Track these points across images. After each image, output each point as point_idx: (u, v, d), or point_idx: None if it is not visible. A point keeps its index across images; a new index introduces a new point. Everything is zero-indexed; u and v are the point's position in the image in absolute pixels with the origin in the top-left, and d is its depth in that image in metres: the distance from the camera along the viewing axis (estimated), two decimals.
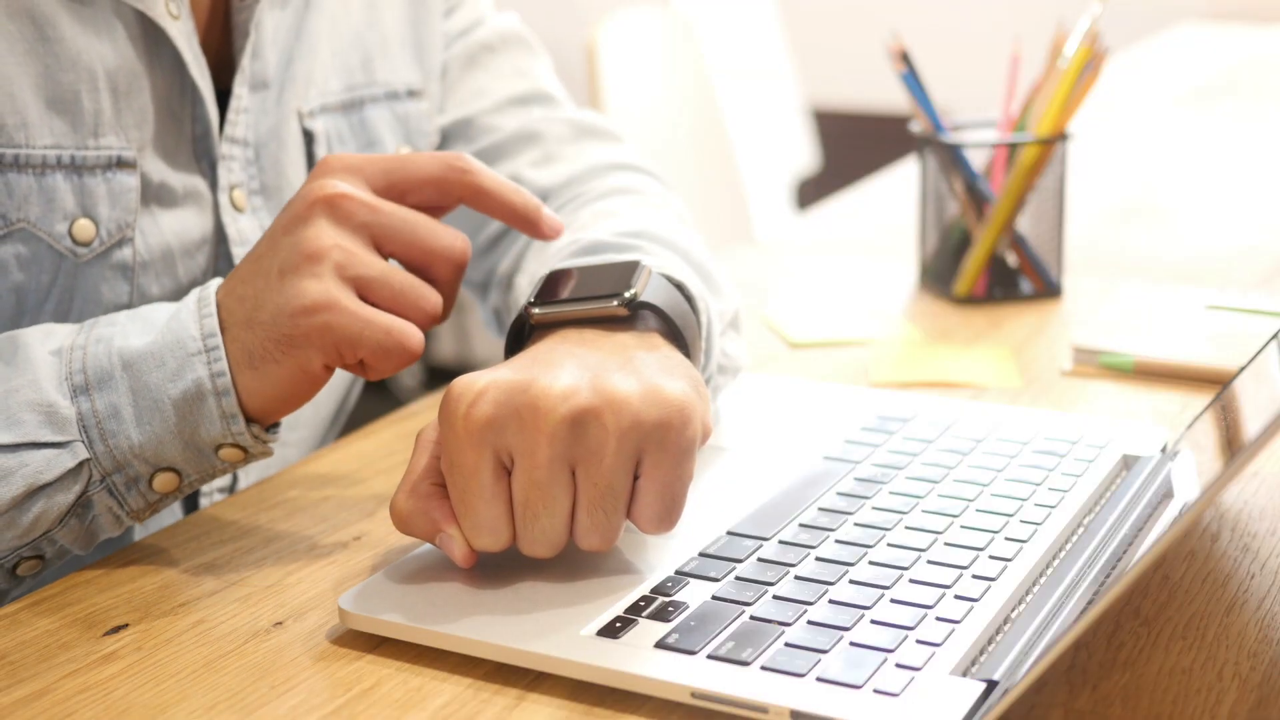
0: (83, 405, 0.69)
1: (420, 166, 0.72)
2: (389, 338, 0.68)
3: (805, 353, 1.03)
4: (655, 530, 0.64)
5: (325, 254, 0.68)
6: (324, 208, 0.69)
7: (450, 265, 0.72)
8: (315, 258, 0.68)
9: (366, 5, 0.94)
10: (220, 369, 0.69)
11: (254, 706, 0.59)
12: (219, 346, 0.69)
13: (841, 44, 3.22)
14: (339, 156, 0.72)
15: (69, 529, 0.70)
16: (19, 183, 0.75)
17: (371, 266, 0.69)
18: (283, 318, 0.68)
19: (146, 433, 0.69)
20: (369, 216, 0.70)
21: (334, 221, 0.69)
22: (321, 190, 0.69)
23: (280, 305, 0.68)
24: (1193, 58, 2.34)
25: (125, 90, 0.79)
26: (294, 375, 0.69)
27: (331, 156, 0.72)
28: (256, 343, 0.69)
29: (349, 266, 0.68)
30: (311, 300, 0.67)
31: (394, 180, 0.71)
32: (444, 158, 0.72)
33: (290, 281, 0.68)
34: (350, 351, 0.68)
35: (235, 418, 0.69)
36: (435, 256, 0.71)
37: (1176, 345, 0.97)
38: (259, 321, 0.68)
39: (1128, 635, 0.63)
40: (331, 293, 0.68)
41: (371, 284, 0.69)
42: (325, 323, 0.67)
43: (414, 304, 0.70)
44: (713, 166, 2.20)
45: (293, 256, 0.68)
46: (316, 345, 0.68)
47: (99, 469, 0.69)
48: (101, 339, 0.70)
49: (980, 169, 1.13)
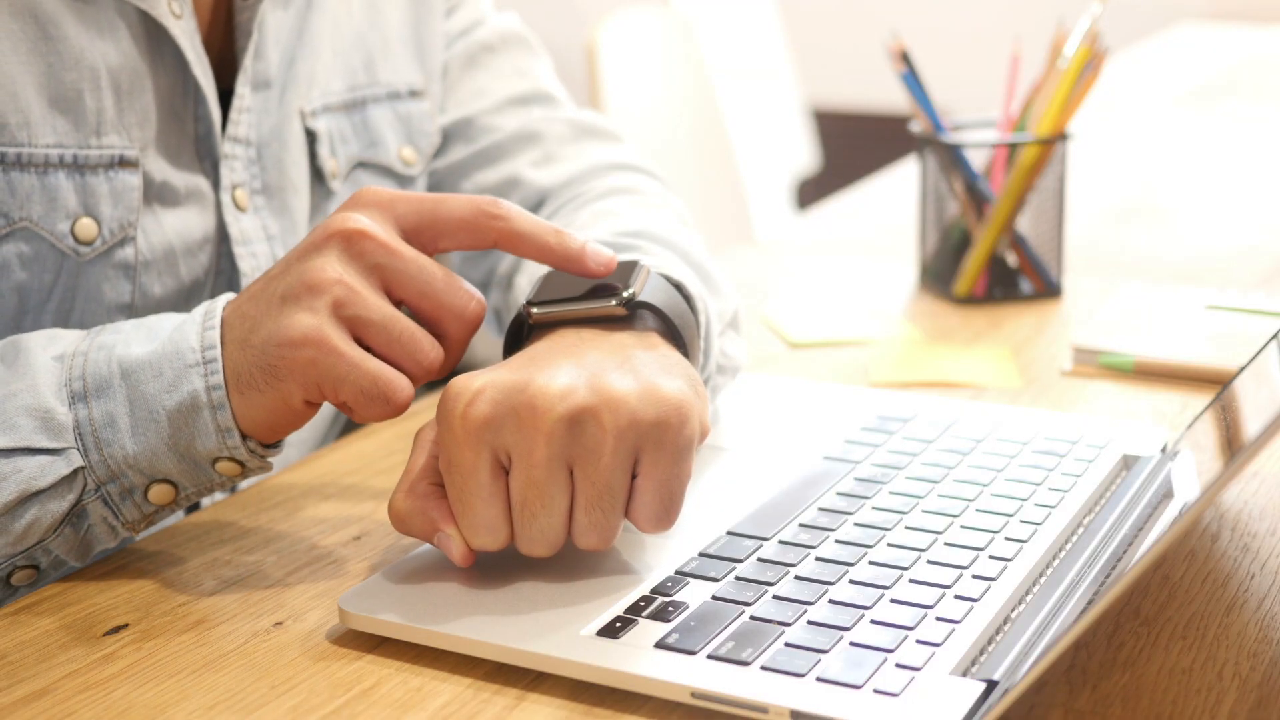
0: (80, 412, 0.68)
1: (453, 210, 0.69)
2: (374, 385, 0.66)
3: (805, 353, 1.03)
4: (653, 529, 0.64)
5: (326, 288, 0.66)
6: (340, 241, 0.67)
7: (461, 323, 0.69)
8: (315, 290, 0.66)
9: (368, 5, 0.94)
10: (217, 382, 0.67)
11: (254, 706, 0.59)
12: (217, 360, 0.67)
13: (841, 44, 3.22)
14: (374, 191, 0.70)
15: (63, 538, 0.69)
16: (21, 181, 0.75)
17: (373, 309, 0.66)
18: (270, 346, 0.66)
19: (141, 443, 0.68)
20: (384, 258, 0.67)
21: (347, 258, 0.67)
22: (343, 223, 0.67)
23: (272, 332, 0.66)
24: (1193, 58, 2.34)
25: (128, 89, 0.79)
26: (275, 406, 0.67)
27: (367, 190, 0.70)
28: (245, 366, 0.67)
29: (348, 305, 0.66)
30: (301, 334, 0.65)
31: (425, 222, 0.69)
32: (477, 202, 0.69)
33: (287, 310, 0.66)
34: (332, 391, 0.66)
35: (230, 432, 0.68)
36: (446, 311, 0.69)
37: (1176, 345, 0.97)
38: (251, 344, 0.67)
39: (1128, 635, 0.63)
40: (322, 329, 0.65)
41: (370, 327, 0.66)
42: (310, 359, 0.65)
43: (410, 354, 0.67)
44: (713, 166, 2.20)
45: (295, 285, 0.66)
46: (299, 380, 0.66)
47: (93, 478, 0.68)
48: (104, 346, 0.69)
49: (980, 169, 1.13)
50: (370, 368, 0.66)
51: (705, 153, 2.19)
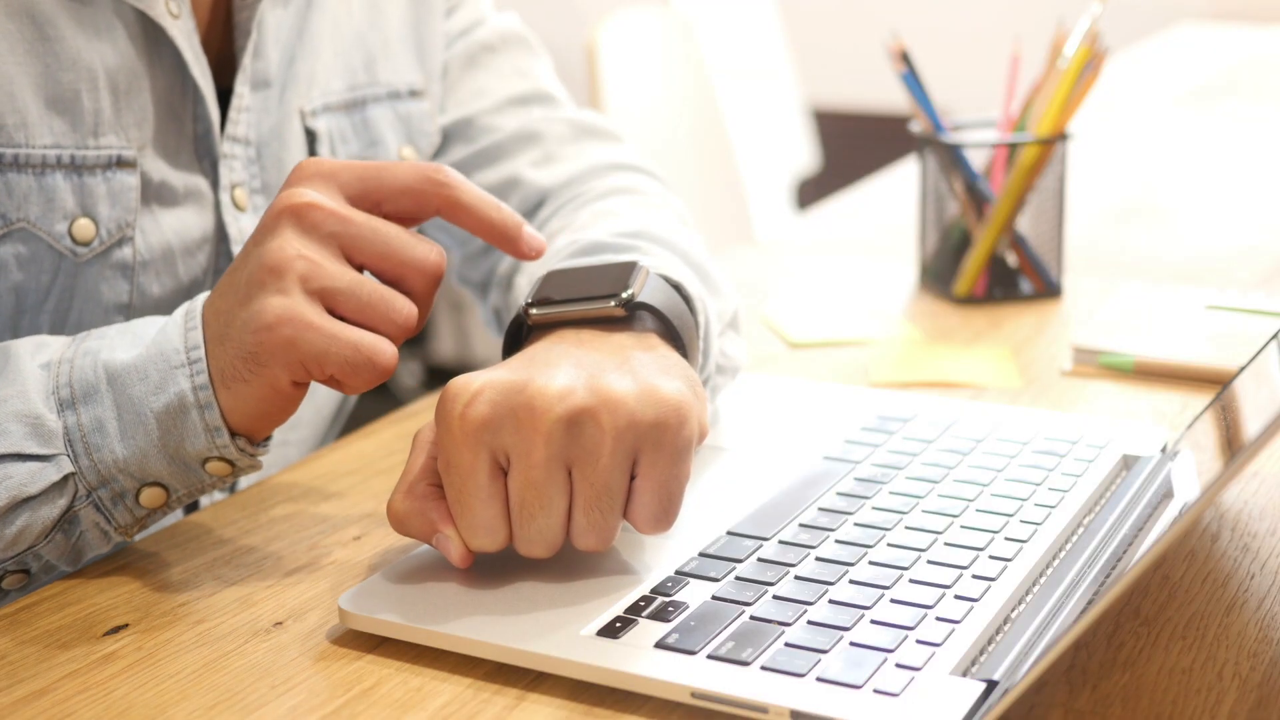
0: (68, 419, 0.68)
1: (397, 176, 0.69)
2: (357, 353, 0.66)
3: (805, 353, 1.03)
4: (652, 530, 0.64)
5: (289, 266, 0.65)
6: (290, 218, 0.67)
7: (424, 278, 0.69)
8: (278, 271, 0.65)
9: (369, 5, 0.94)
10: (203, 382, 0.67)
11: (254, 706, 0.59)
12: (202, 359, 0.67)
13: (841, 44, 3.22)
14: (313, 162, 0.69)
15: (54, 544, 0.69)
16: (19, 182, 0.75)
17: (338, 278, 0.66)
18: (247, 334, 0.66)
19: (131, 447, 0.68)
20: (337, 226, 0.67)
21: (300, 232, 0.66)
22: (289, 200, 0.67)
23: (245, 321, 0.66)
24: (1193, 58, 2.34)
25: (125, 90, 0.78)
26: (264, 393, 0.67)
27: (306, 162, 0.69)
28: (227, 361, 0.67)
29: (314, 278, 0.66)
30: (274, 316, 0.65)
31: (369, 188, 0.69)
32: (422, 168, 0.69)
33: (255, 296, 0.66)
34: (317, 368, 0.66)
35: (219, 430, 0.68)
36: (408, 268, 0.68)
37: (1176, 345, 0.97)
38: (229, 338, 0.67)
39: (1128, 635, 0.63)
40: (295, 307, 0.65)
41: (338, 296, 0.66)
42: (288, 338, 0.65)
43: (384, 316, 0.67)
44: (713, 166, 2.20)
45: (257, 270, 0.66)
46: (281, 362, 0.66)
47: (84, 483, 0.68)
48: (89, 352, 0.69)
49: (980, 169, 1.13)
50: (350, 336, 0.66)
51: (705, 153, 2.19)
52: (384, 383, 0.68)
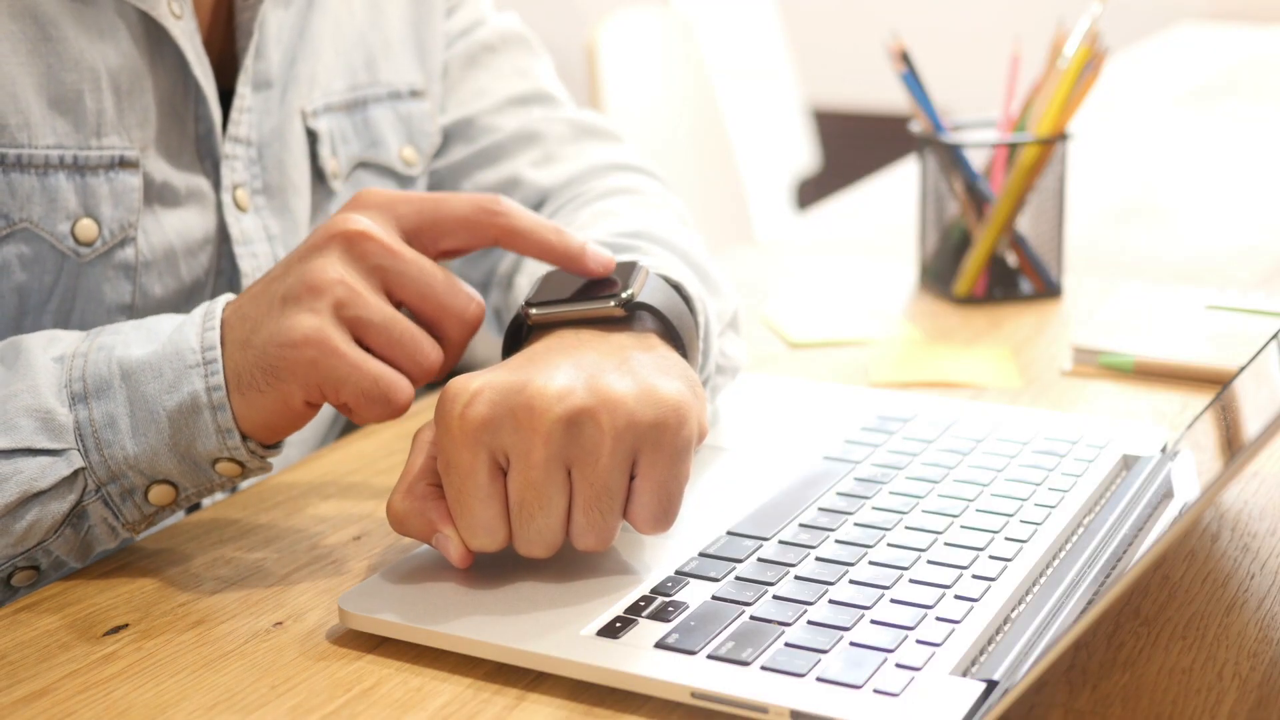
0: (80, 413, 0.68)
1: (454, 209, 0.70)
2: (375, 387, 0.66)
3: (805, 353, 1.03)
4: (651, 530, 0.64)
5: (328, 289, 0.66)
6: (341, 242, 0.67)
7: (461, 325, 0.70)
8: (316, 291, 0.66)
9: (369, 5, 0.94)
10: (217, 383, 0.67)
11: (254, 706, 0.59)
12: (217, 360, 0.68)
13: (841, 44, 3.22)
14: (375, 192, 0.70)
15: (64, 539, 0.69)
16: (21, 183, 0.75)
17: (374, 310, 0.67)
18: (272, 347, 0.66)
19: (142, 444, 0.68)
20: (385, 260, 0.68)
21: (348, 259, 0.67)
22: (344, 224, 0.68)
23: (273, 333, 0.66)
24: (1193, 58, 2.34)
25: (128, 90, 0.79)
26: (276, 407, 0.67)
27: (367, 191, 0.70)
28: (245, 367, 0.67)
29: (350, 306, 0.66)
30: (302, 334, 0.66)
31: (426, 222, 0.70)
32: (477, 200, 0.70)
33: (288, 311, 0.66)
34: (333, 393, 0.67)
35: (231, 432, 0.68)
36: (447, 313, 0.69)
37: (1176, 345, 0.97)
38: (252, 345, 0.67)
39: (1128, 635, 0.63)
40: (324, 330, 0.66)
41: (370, 328, 0.67)
42: (311, 359, 0.66)
43: (410, 356, 0.68)
44: (713, 166, 2.20)
45: (296, 286, 0.67)
46: (300, 381, 0.66)
47: (94, 479, 0.68)
48: (103, 347, 0.69)
49: (980, 169, 1.13)
50: (371, 369, 0.66)
51: (705, 153, 2.19)
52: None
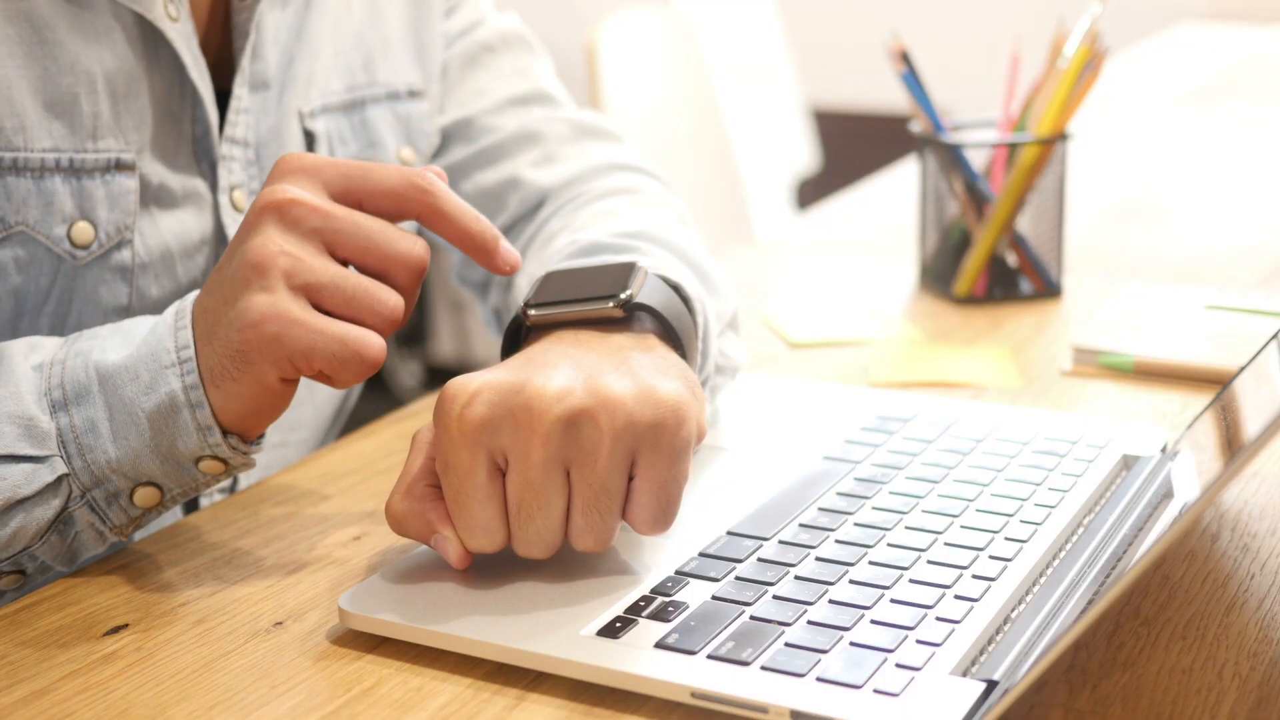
0: (61, 420, 0.68)
1: (382, 178, 0.69)
2: (344, 348, 0.65)
3: (805, 353, 1.03)
4: (650, 531, 0.64)
5: (271, 262, 0.65)
6: (273, 214, 0.66)
7: (408, 271, 0.68)
8: (261, 268, 0.65)
9: (368, 5, 0.94)
10: (194, 381, 0.67)
11: (254, 706, 0.59)
12: (192, 359, 0.67)
13: (841, 44, 3.22)
14: (295, 156, 0.69)
15: (49, 545, 0.69)
16: (17, 186, 0.75)
17: (321, 272, 0.66)
18: (234, 332, 0.66)
19: (123, 447, 0.68)
20: (320, 221, 0.67)
21: (283, 228, 0.66)
22: (271, 196, 0.67)
23: (232, 319, 0.66)
24: (1193, 58, 2.34)
25: (124, 92, 0.78)
26: (253, 391, 0.67)
27: (288, 156, 0.69)
28: (216, 359, 0.67)
29: (297, 274, 0.65)
30: (259, 313, 0.65)
31: (352, 186, 0.68)
32: (408, 174, 0.69)
33: (240, 294, 0.66)
34: (305, 363, 0.66)
35: (211, 429, 0.68)
36: (392, 262, 0.68)
37: (1176, 345, 0.97)
38: (216, 336, 0.67)
39: (1128, 635, 0.63)
40: (279, 304, 0.65)
41: (322, 290, 0.66)
42: (274, 335, 0.65)
43: (370, 309, 0.67)
44: (713, 166, 2.20)
45: (242, 268, 0.66)
46: (269, 359, 0.66)
47: (78, 484, 0.68)
48: (80, 353, 0.69)
49: (980, 169, 1.13)
50: (336, 330, 0.66)
51: (705, 153, 2.19)
52: (384, 383, 0.68)
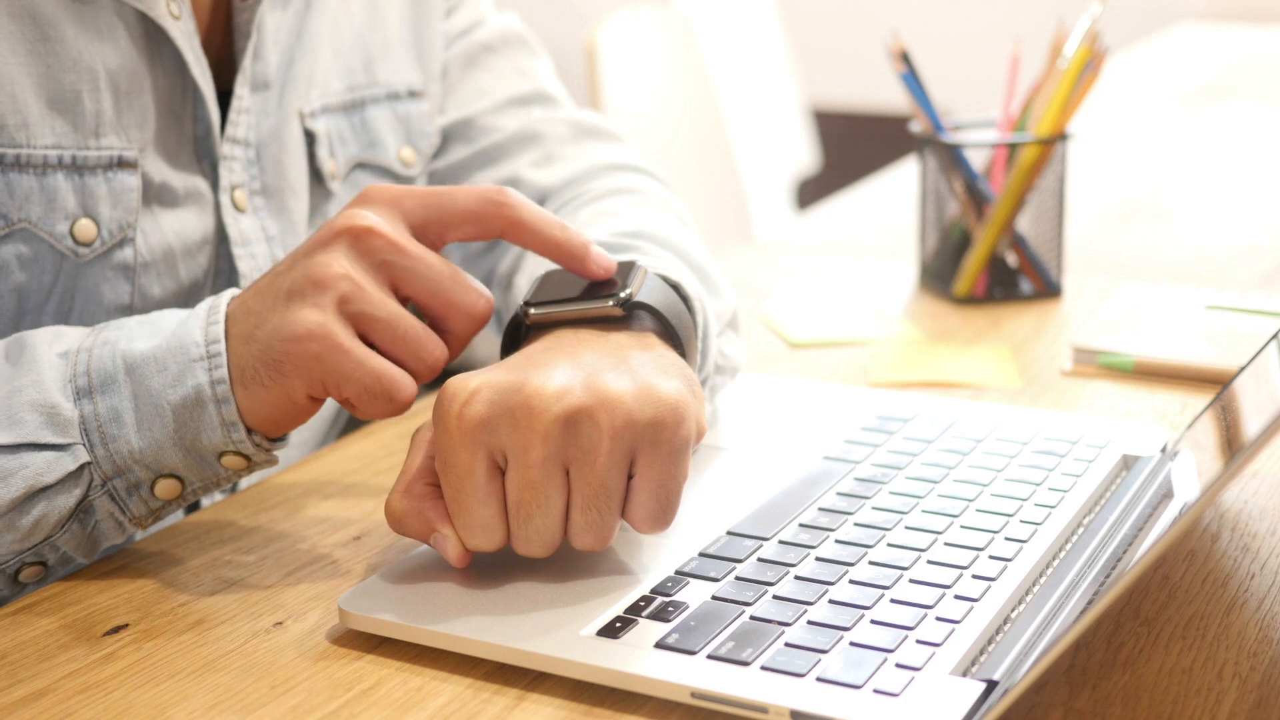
0: (85, 408, 0.68)
1: (459, 202, 0.69)
2: (378, 384, 0.66)
3: (805, 353, 1.03)
4: (650, 530, 0.64)
5: (333, 284, 0.66)
6: (348, 238, 0.67)
7: (468, 321, 0.69)
8: (321, 286, 0.66)
9: (368, 6, 0.94)
10: (221, 376, 0.67)
11: (254, 706, 0.59)
12: (221, 354, 0.68)
13: (841, 44, 3.22)
14: (381, 188, 0.70)
15: (70, 534, 0.69)
16: (20, 183, 0.75)
17: (379, 306, 0.67)
18: (276, 341, 0.66)
19: (147, 438, 0.68)
20: (392, 256, 0.67)
21: (354, 254, 0.67)
22: (351, 220, 0.67)
23: (277, 327, 0.66)
24: (1193, 58, 2.34)
25: (126, 90, 0.79)
26: (279, 401, 0.67)
27: (375, 187, 0.70)
28: (249, 361, 0.67)
29: (354, 301, 0.66)
30: (306, 329, 0.65)
31: (432, 216, 0.69)
32: (484, 192, 0.70)
33: (293, 306, 0.66)
34: (336, 388, 0.66)
35: (236, 425, 0.68)
36: (455, 309, 0.69)
37: (1176, 345, 0.97)
38: (256, 339, 0.67)
39: (1128, 635, 0.63)
40: (328, 325, 0.66)
41: (375, 324, 0.67)
42: (315, 354, 0.65)
43: (414, 353, 0.67)
44: (713, 166, 2.20)
45: (301, 281, 0.66)
46: (303, 375, 0.66)
47: (100, 473, 0.68)
48: (108, 342, 0.69)
49: (980, 169, 1.13)
50: (374, 365, 0.66)
51: (705, 153, 2.19)
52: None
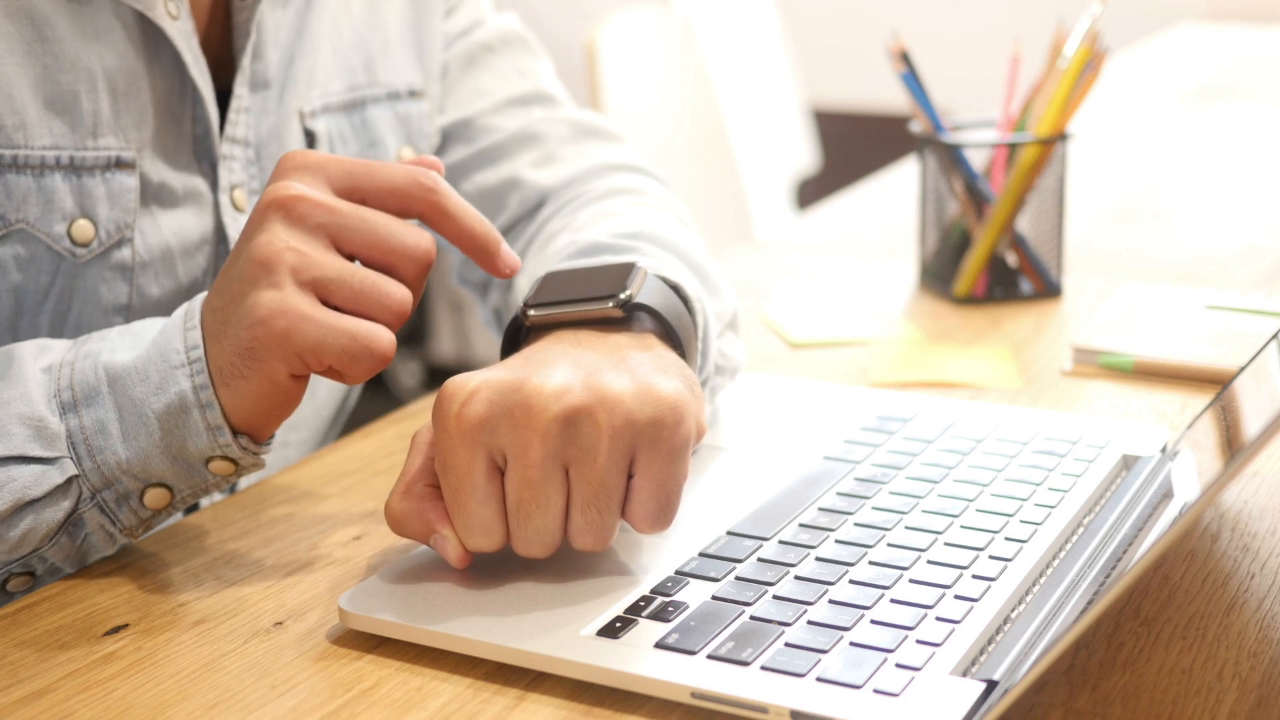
0: (71, 422, 0.68)
1: (387, 175, 0.68)
2: (354, 342, 0.65)
3: (805, 353, 1.03)
4: (650, 529, 0.64)
5: (278, 259, 0.65)
6: (278, 211, 0.66)
7: (415, 264, 0.68)
8: (269, 264, 0.65)
9: (368, 5, 0.94)
10: (203, 381, 0.67)
11: (254, 706, 0.59)
12: (201, 359, 0.67)
13: (841, 44, 3.22)
14: (299, 153, 0.69)
15: (59, 547, 0.69)
16: (17, 183, 0.75)
17: (328, 267, 0.66)
18: (242, 330, 0.66)
19: (133, 448, 0.68)
20: (325, 217, 0.66)
21: (288, 224, 0.66)
22: (276, 193, 0.67)
23: (240, 317, 0.66)
24: (1193, 58, 2.34)
25: (124, 91, 0.78)
26: (264, 389, 0.67)
27: (291, 153, 0.69)
28: (225, 359, 0.67)
29: (304, 269, 0.65)
30: (267, 309, 0.65)
31: (357, 183, 0.68)
32: (413, 173, 0.69)
33: (247, 292, 0.65)
34: (314, 359, 0.66)
35: (221, 430, 0.68)
36: (398, 255, 0.68)
37: (1176, 345, 0.97)
38: (225, 335, 0.66)
39: (1128, 635, 0.63)
40: (288, 300, 0.65)
41: (330, 285, 0.66)
42: (283, 331, 0.65)
43: (378, 302, 0.66)
44: (713, 166, 2.20)
45: (249, 266, 0.66)
46: (278, 355, 0.65)
47: (88, 486, 0.68)
48: (90, 354, 0.69)
49: (980, 169, 1.13)
50: (344, 325, 0.65)
51: (705, 153, 2.19)
52: (384, 383, 0.68)
